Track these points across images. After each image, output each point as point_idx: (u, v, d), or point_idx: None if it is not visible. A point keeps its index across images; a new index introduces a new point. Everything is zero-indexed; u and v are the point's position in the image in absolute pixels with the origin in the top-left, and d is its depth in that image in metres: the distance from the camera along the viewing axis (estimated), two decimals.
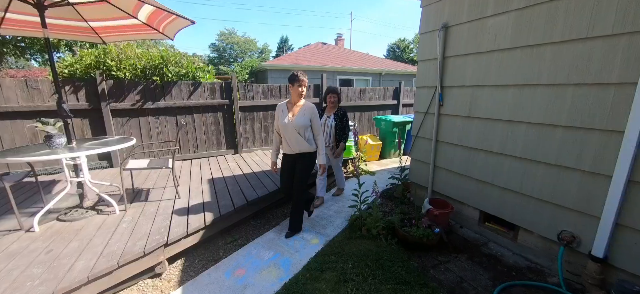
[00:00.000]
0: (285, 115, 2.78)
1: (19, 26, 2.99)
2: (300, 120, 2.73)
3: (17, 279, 1.86)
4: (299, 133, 2.74)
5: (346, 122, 3.56)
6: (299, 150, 2.79)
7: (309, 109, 2.78)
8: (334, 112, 3.58)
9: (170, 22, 3.05)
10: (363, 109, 7.06)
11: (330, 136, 3.56)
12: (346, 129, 3.56)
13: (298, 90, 2.73)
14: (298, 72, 2.76)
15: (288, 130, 2.74)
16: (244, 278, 2.29)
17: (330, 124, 3.54)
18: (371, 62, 15.02)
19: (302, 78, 2.74)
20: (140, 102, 4.62)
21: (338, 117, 3.54)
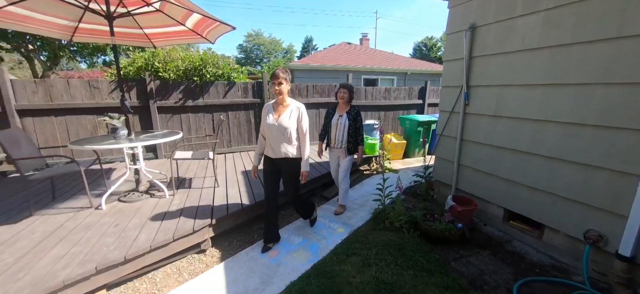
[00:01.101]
0: (270, 116, 2.53)
1: (89, 34, 3.49)
2: (285, 121, 2.48)
3: (95, 245, 2.26)
4: (283, 135, 2.48)
5: (360, 122, 3.24)
6: (283, 154, 2.52)
7: (296, 109, 2.54)
8: (347, 111, 3.25)
9: (213, 28, 3.40)
10: (388, 108, 7.13)
11: (343, 137, 3.22)
12: (361, 129, 3.25)
13: (273, 89, 2.45)
14: (279, 68, 2.49)
15: (272, 131, 2.49)
16: (276, 258, 2.55)
17: (342, 124, 3.21)
18: (396, 61, 14.90)
19: (279, 74, 2.41)
20: (182, 100, 5.10)
21: (352, 117, 3.20)
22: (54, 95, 4.53)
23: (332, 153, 3.42)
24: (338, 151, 3.30)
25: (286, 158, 2.54)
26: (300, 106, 2.57)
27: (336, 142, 3.27)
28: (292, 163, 2.58)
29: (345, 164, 3.30)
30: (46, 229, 2.53)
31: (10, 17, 2.78)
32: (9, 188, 3.66)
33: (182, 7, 2.86)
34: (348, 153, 3.25)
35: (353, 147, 3.23)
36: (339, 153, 3.32)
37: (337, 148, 3.29)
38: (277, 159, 2.57)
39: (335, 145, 3.28)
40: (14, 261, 2.06)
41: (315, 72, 12.12)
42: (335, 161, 3.44)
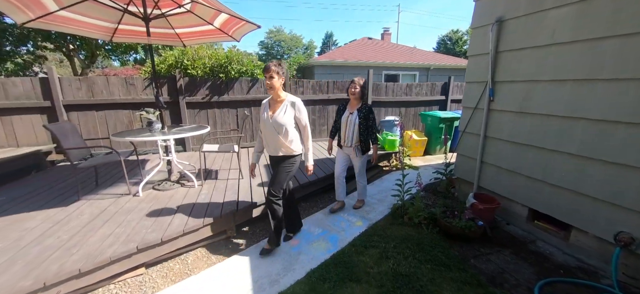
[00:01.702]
0: (265, 113, 2.44)
1: (127, 35, 3.78)
2: (280, 117, 2.35)
3: (136, 227, 2.49)
4: (278, 132, 2.37)
5: (373, 120, 3.08)
6: (281, 152, 2.45)
7: (291, 104, 2.40)
8: (358, 108, 3.08)
9: (240, 27, 3.56)
10: (409, 105, 7.04)
11: (354, 136, 3.07)
12: (374, 127, 3.09)
13: (266, 84, 2.35)
14: (272, 62, 2.34)
15: (267, 128, 2.42)
16: (297, 247, 2.68)
17: (353, 121, 3.05)
18: (419, 56, 14.54)
19: (270, 67, 2.29)
20: (209, 96, 5.36)
21: (363, 114, 3.04)
22: (95, 91, 4.94)
23: (341, 152, 3.29)
24: (348, 150, 3.16)
25: (284, 155, 2.46)
26: (295, 100, 2.42)
27: (346, 140, 3.12)
28: (291, 159, 2.47)
29: (359, 163, 3.22)
30: (92, 212, 2.82)
31: (60, 20, 3.09)
32: (59, 176, 4.07)
33: (210, 7, 3.03)
34: (362, 153, 3.14)
35: (365, 146, 3.11)
36: (349, 152, 3.17)
37: (348, 147, 3.14)
38: (276, 156, 2.50)
39: (346, 143, 3.13)
40: (68, 238, 2.33)
41: (336, 68, 12.13)
42: (342, 160, 3.29)
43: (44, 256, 2.09)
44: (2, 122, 4.70)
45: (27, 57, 13.47)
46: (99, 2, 3.07)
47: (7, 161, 4.10)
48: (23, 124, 4.78)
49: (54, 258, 2.07)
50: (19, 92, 4.65)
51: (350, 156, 3.22)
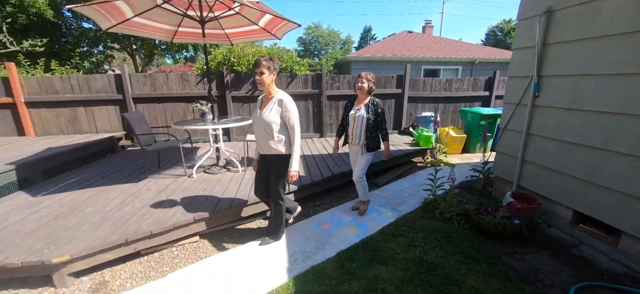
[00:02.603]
0: (257, 110, 2.41)
1: (185, 36, 4.29)
2: (267, 115, 2.28)
3: (191, 203, 2.92)
4: (266, 131, 2.31)
5: (382, 115, 2.90)
6: (268, 151, 2.39)
7: (278, 102, 2.29)
8: (365, 104, 2.91)
9: (282, 26, 3.84)
10: (448, 100, 6.81)
11: (361, 133, 2.91)
12: (383, 124, 2.92)
13: (256, 79, 2.28)
14: (263, 56, 2.28)
15: (256, 126, 2.38)
16: (329, 231, 2.89)
17: (360, 118, 2.88)
18: (463, 49, 13.75)
19: (261, 62, 2.21)
20: (251, 91, 5.80)
21: (371, 110, 2.88)
22: (157, 86, 5.65)
23: (351, 150, 3.20)
24: (356, 147, 3.04)
25: (273, 154, 2.39)
26: (283, 97, 2.31)
27: (354, 138, 2.98)
28: (280, 159, 2.39)
29: (363, 161, 3.00)
30: (157, 188, 3.34)
31: (134, 25, 3.65)
32: (128, 158, 4.80)
33: (257, 9, 3.34)
34: (367, 150, 2.96)
35: (372, 144, 2.93)
36: (357, 150, 3.05)
37: (355, 145, 3.02)
38: (266, 155, 2.44)
39: (354, 141, 3.00)
40: (140, 207, 2.83)
41: (373, 63, 12.05)
42: (355, 158, 3.15)
43: (124, 219, 2.59)
44: (86, 111, 5.62)
45: (99, 56, 15.54)
46: (164, 9, 3.56)
47: (90, 144, 4.93)
48: (101, 114, 5.67)
49: (132, 221, 2.54)
50: (99, 86, 5.52)
51: (357, 153, 3.07)
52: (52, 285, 2.15)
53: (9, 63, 5.27)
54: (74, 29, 13.63)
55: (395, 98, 6.57)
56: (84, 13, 2.99)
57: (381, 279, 2.12)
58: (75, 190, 3.33)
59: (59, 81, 5.42)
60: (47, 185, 3.56)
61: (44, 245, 2.20)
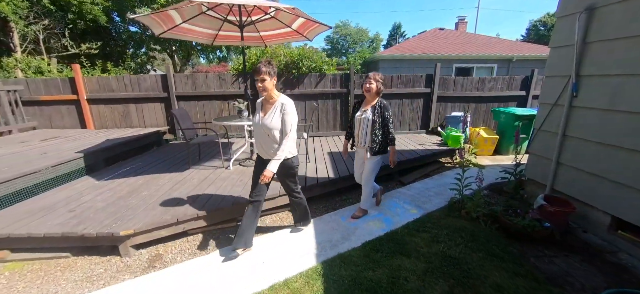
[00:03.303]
0: (257, 114, 2.39)
1: (225, 39, 4.66)
2: (270, 120, 2.26)
3: (230, 191, 3.24)
4: (268, 136, 2.30)
5: (387, 118, 2.78)
6: (271, 156, 2.35)
7: (281, 106, 2.27)
8: (372, 105, 2.81)
9: (313, 28, 4.04)
10: (480, 100, 6.60)
11: (367, 135, 2.82)
12: (389, 126, 2.79)
13: (257, 85, 2.24)
14: (261, 62, 2.21)
15: (258, 131, 2.37)
16: (354, 223, 3.04)
17: (366, 120, 2.79)
18: (499, 46, 13.07)
19: (261, 69, 2.16)
20: (282, 90, 6.10)
21: (377, 112, 2.77)
22: (197, 85, 6.14)
23: (357, 154, 3.12)
24: (362, 151, 2.96)
25: None
26: (286, 101, 2.29)
27: (359, 140, 2.91)
28: (286, 163, 2.38)
29: (370, 166, 2.92)
30: (199, 177, 3.71)
31: (181, 30, 4.05)
32: (172, 150, 5.30)
33: (290, 13, 3.56)
34: (372, 154, 2.85)
35: (379, 147, 2.81)
36: (362, 154, 2.98)
37: (361, 148, 2.94)
38: (265, 159, 2.40)
39: (359, 144, 2.93)
40: (187, 193, 3.19)
41: (402, 62, 11.89)
42: (359, 162, 3.11)
43: (175, 202, 2.95)
44: (136, 108, 6.27)
45: (143, 57, 16.92)
46: (208, 15, 3.93)
47: (140, 137, 5.51)
48: (149, 110, 6.28)
49: (182, 203, 2.89)
50: (148, 85, 6.13)
51: (364, 157, 2.97)
52: (118, 254, 2.54)
53: (75, 65, 6.04)
54: (123, 33, 15.00)
55: (424, 98, 6.51)
56: (143, 21, 3.41)
57: (404, 268, 2.24)
58: (131, 177, 3.81)
59: (115, 81, 6.11)
60: (107, 171, 4.10)
61: (112, 220, 2.60)
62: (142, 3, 13.03)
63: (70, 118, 6.28)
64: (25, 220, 2.66)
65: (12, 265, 2.50)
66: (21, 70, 9.50)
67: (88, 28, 12.47)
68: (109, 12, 12.89)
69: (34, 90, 6.14)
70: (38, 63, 10.15)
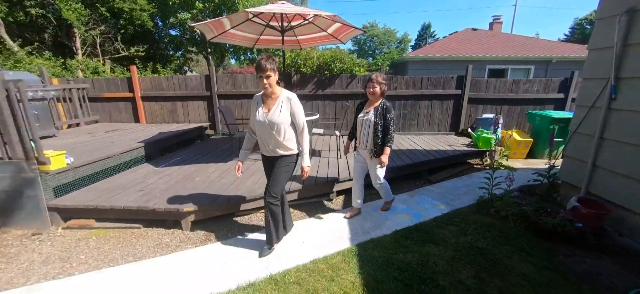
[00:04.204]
0: (259, 110, 2.29)
1: (265, 43, 5.08)
2: (277, 115, 2.22)
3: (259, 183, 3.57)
4: (275, 132, 2.25)
5: (389, 120, 2.75)
6: (278, 152, 2.33)
7: (287, 101, 2.27)
8: (375, 107, 2.80)
9: (348, 32, 4.31)
10: (514, 102, 6.47)
11: (369, 137, 2.82)
12: (389, 128, 2.76)
13: (261, 82, 2.18)
14: (262, 58, 2.12)
15: (263, 128, 2.28)
16: (384, 215, 3.26)
17: (368, 121, 2.79)
18: (537, 46, 12.46)
19: (266, 66, 2.10)
20: (314, 90, 6.43)
21: (380, 114, 2.75)
22: (237, 84, 6.66)
23: (358, 156, 3.10)
24: (364, 152, 2.96)
25: (282, 155, 2.35)
26: (291, 96, 2.29)
27: (361, 142, 2.91)
28: (288, 158, 2.38)
29: (380, 170, 2.95)
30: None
31: (229, 36, 4.51)
32: (214, 144, 5.82)
33: (329, 19, 3.86)
34: (374, 156, 2.86)
35: (381, 149, 2.82)
36: (365, 155, 2.97)
37: (363, 149, 2.94)
38: (272, 157, 2.40)
39: (361, 145, 2.93)
40: (233, 180, 3.60)
41: (431, 64, 11.76)
42: (360, 163, 3.08)
43: (224, 187, 3.37)
44: (182, 105, 6.92)
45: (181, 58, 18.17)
46: (253, 21, 4.34)
47: (186, 132, 6.10)
48: (193, 107, 6.91)
49: (230, 189, 3.31)
50: (193, 85, 6.75)
51: (366, 159, 2.98)
52: (180, 228, 2.98)
53: (132, 67, 6.81)
54: (164, 36, 16.27)
55: (454, 99, 6.51)
56: (200, 28, 3.88)
57: (433, 254, 2.43)
58: (183, 165, 4.32)
59: (165, 80, 6.81)
60: (162, 159, 4.66)
61: (175, 199, 3.05)
62: (183, 9, 14.08)
63: (126, 114, 7.09)
64: (105, 195, 3.20)
65: (97, 232, 3.03)
66: (81, 70, 10.76)
67: (136, 32, 13.72)
68: (153, 18, 14.07)
69: (98, 88, 7.01)
70: (95, 65, 11.43)
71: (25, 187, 2.99)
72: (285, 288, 2.09)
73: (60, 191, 3.23)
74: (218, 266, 2.39)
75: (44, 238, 2.93)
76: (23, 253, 2.69)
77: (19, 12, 10.23)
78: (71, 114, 6.43)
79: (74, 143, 4.75)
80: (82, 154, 3.93)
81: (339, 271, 2.26)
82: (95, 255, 2.64)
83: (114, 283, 2.24)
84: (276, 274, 2.25)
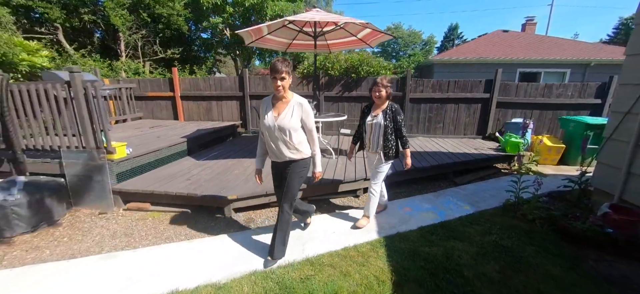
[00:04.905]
0: (268, 114, 2.24)
1: (297, 47, 5.39)
2: (287, 120, 2.18)
3: None
4: (285, 136, 2.21)
5: (400, 122, 2.77)
6: (288, 157, 2.28)
7: (299, 106, 2.23)
8: (383, 110, 2.80)
9: (376, 37, 4.50)
10: (545, 107, 6.30)
11: (379, 140, 2.83)
12: (402, 130, 2.78)
13: (275, 84, 2.13)
14: (278, 60, 2.11)
15: (272, 133, 2.23)
16: (409, 213, 3.42)
17: (378, 125, 2.79)
18: (573, 49, 11.84)
19: (281, 68, 2.08)
20: (341, 92, 6.66)
21: (389, 116, 2.77)
22: (267, 85, 7.04)
23: (369, 159, 3.17)
24: (373, 156, 2.97)
25: (292, 160, 2.31)
26: (302, 101, 2.26)
27: (371, 145, 2.91)
28: (300, 162, 2.33)
29: (381, 171, 2.93)
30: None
31: (266, 41, 4.86)
32: (246, 141, 6.22)
33: (357, 24, 4.08)
34: (385, 159, 2.85)
35: (391, 152, 2.82)
36: (374, 158, 2.98)
37: (373, 153, 2.95)
38: (281, 163, 2.36)
39: (371, 149, 2.94)
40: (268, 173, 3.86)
41: (458, 67, 11.56)
42: (372, 165, 3.08)
43: None
44: (217, 104, 7.42)
45: (211, 60, 19.13)
46: (288, 27, 4.66)
47: (220, 129, 6.56)
48: (226, 106, 7.39)
49: (266, 181, 3.59)
50: (227, 86, 7.23)
51: (375, 161, 2.97)
52: (222, 214, 3.34)
53: (174, 69, 7.43)
54: (196, 39, 17.25)
55: (482, 103, 6.46)
56: (242, 34, 4.24)
57: (457, 249, 2.57)
58: (221, 159, 4.71)
59: (202, 81, 7.35)
60: (202, 154, 5.10)
61: (218, 188, 3.41)
62: (215, 13, 14.86)
63: (167, 111, 7.72)
64: (157, 183, 3.63)
65: (152, 214, 3.45)
66: (124, 71, 11.75)
67: (172, 36, 14.70)
68: (187, 22, 15.00)
69: (142, 88, 7.70)
70: (136, 66, 12.43)
71: (94, 173, 3.48)
72: (320, 269, 2.34)
73: (121, 178, 3.71)
74: (260, 248, 2.68)
75: (109, 217, 3.40)
76: (94, 228, 3.16)
77: (75, 19, 11.39)
78: (120, 110, 7.13)
79: (125, 137, 5.30)
80: (135, 147, 4.44)
81: (369, 258, 2.47)
82: (153, 233, 3.05)
83: (172, 257, 2.61)
84: (311, 257, 2.50)
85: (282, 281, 2.20)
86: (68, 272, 2.42)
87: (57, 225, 3.22)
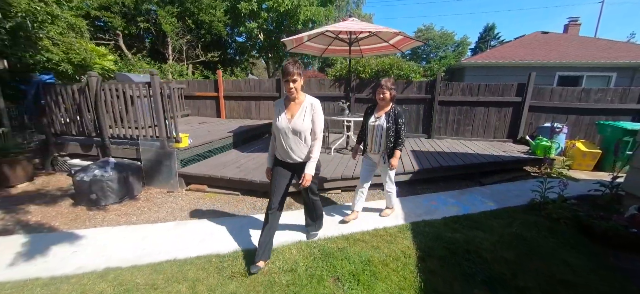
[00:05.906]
0: (282, 116, 2.26)
1: (331, 52, 5.86)
2: (300, 122, 2.21)
3: (336, 168, 4.31)
4: (299, 138, 2.24)
5: (401, 125, 2.83)
6: (300, 159, 2.32)
7: (310, 107, 2.24)
8: (386, 112, 2.87)
9: (407, 43, 4.83)
10: (581, 112, 6.16)
11: (381, 142, 2.89)
12: (401, 132, 2.84)
13: (287, 87, 2.16)
14: (289, 63, 2.13)
15: (286, 134, 2.25)
16: (435, 206, 3.71)
17: (380, 126, 2.85)
18: (622, 51, 11.09)
19: (293, 71, 2.10)
20: (371, 94, 7.01)
21: (392, 119, 2.82)
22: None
23: (366, 160, 3.15)
24: (375, 157, 3.03)
25: (304, 161, 2.33)
26: (314, 102, 2.27)
27: (373, 147, 2.97)
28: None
29: (390, 173, 3.07)
30: None
31: (304, 47, 5.39)
32: None
33: (389, 31, 4.44)
34: (387, 159, 2.93)
35: (392, 152, 2.90)
36: (375, 159, 3.04)
37: (374, 154, 3.01)
38: (293, 164, 2.37)
39: (373, 150, 2.99)
40: None
41: (492, 69, 11.32)
42: (368, 167, 3.14)
43: None
44: (256, 104, 8.12)
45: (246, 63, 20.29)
46: (325, 35, 5.15)
47: (258, 126, 7.21)
48: (263, 106, 8.06)
49: None
50: (265, 87, 7.89)
51: (377, 163, 3.06)
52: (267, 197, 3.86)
53: (219, 71, 8.27)
54: (232, 43, 18.46)
55: (513, 107, 6.46)
56: (285, 42, 4.80)
57: (478, 237, 2.85)
58: (262, 152, 5.31)
59: (243, 82, 8.09)
60: (244, 147, 5.73)
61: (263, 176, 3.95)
62: (251, 19, 15.85)
63: (211, 110, 8.58)
64: (213, 169, 4.27)
65: (209, 195, 4.09)
66: (171, 73, 13.01)
67: (211, 40, 15.92)
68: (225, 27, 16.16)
69: (191, 88, 8.63)
70: (181, 68, 13.68)
71: (164, 158, 4.20)
72: (354, 243, 2.76)
73: (184, 164, 4.41)
74: (301, 226, 3.16)
75: (176, 195, 4.09)
76: (165, 203, 3.85)
77: (132, 26, 12.86)
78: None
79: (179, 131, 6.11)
80: (195, 138, 5.17)
81: (396, 237, 2.85)
82: (211, 209, 3.66)
83: (232, 227, 3.17)
84: (346, 234, 2.94)
85: (322, 249, 2.66)
86: (155, 232, 3.08)
87: (136, 199, 3.96)
